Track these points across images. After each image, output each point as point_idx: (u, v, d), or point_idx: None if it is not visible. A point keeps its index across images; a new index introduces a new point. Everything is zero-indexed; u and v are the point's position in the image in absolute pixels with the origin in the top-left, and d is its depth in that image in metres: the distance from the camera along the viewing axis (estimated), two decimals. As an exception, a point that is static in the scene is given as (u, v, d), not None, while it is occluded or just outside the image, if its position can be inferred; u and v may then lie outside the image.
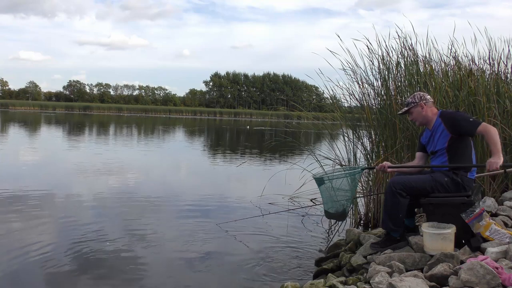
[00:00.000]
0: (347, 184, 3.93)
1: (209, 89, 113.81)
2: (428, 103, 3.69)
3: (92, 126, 32.05)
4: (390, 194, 3.52)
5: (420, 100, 3.69)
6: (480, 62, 6.13)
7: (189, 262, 4.32)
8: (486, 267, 2.58)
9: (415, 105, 3.71)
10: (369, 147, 6.05)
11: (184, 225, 5.67)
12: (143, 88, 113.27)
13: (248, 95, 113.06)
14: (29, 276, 3.80)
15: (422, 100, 3.69)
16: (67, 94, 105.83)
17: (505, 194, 4.68)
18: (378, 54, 5.91)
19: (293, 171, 7.23)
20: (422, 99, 3.70)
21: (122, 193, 7.55)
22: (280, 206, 6.69)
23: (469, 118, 3.53)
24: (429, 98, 3.75)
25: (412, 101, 3.73)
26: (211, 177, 10.18)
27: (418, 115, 3.71)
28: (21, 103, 77.09)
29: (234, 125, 45.84)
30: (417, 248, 3.38)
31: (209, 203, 7.05)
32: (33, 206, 6.20)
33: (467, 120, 3.50)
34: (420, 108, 3.69)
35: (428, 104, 3.69)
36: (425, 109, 3.68)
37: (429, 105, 3.70)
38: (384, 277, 2.85)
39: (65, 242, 4.73)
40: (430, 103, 3.72)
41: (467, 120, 3.50)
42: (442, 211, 3.40)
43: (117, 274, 3.96)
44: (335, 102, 6.77)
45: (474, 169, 3.58)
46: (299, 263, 4.37)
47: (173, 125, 38.51)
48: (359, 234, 4.23)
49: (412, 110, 3.74)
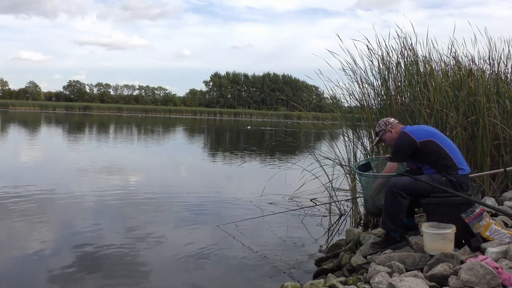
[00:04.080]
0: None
1: (209, 89, 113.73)
2: (393, 125, 3.89)
3: (92, 126, 32.05)
4: (390, 194, 3.52)
5: (386, 126, 3.90)
6: (480, 62, 6.14)
7: (189, 263, 4.31)
8: (486, 267, 2.58)
9: (383, 132, 3.91)
10: (369, 147, 6.05)
11: (184, 225, 5.67)
12: (143, 88, 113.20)
13: (248, 95, 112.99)
14: (30, 276, 3.79)
15: (387, 126, 3.89)
16: (67, 94, 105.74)
17: (505, 194, 4.68)
18: (378, 54, 5.93)
19: (293, 171, 7.24)
20: (387, 124, 3.91)
21: (122, 193, 7.55)
22: (280, 206, 6.69)
23: (397, 151, 3.71)
24: (393, 120, 3.97)
25: (380, 130, 3.95)
26: (211, 177, 10.19)
27: (390, 139, 3.88)
28: (21, 103, 77.04)
29: (234, 125, 45.85)
30: (417, 248, 3.38)
31: (209, 203, 7.04)
32: (33, 206, 6.19)
33: (394, 153, 3.73)
34: (389, 133, 3.88)
35: (394, 126, 3.89)
36: (394, 131, 3.86)
37: (395, 126, 3.89)
38: (384, 277, 2.86)
39: (65, 242, 4.74)
40: (395, 124, 3.92)
41: (394, 153, 3.74)
42: (442, 211, 3.40)
43: (117, 274, 3.96)
44: (335, 102, 6.78)
45: (465, 166, 3.59)
46: (299, 263, 4.37)
47: (173, 125, 38.52)
48: (359, 234, 4.23)
49: (383, 137, 3.94)
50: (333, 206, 6.52)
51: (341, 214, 6.39)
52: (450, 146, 3.63)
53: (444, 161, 3.54)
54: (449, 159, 3.54)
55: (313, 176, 6.51)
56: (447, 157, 3.55)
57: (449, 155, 3.55)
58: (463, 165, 3.58)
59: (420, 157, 3.67)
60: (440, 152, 3.56)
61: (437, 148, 3.57)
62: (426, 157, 3.62)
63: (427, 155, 3.61)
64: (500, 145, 5.12)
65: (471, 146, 5.20)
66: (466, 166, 3.62)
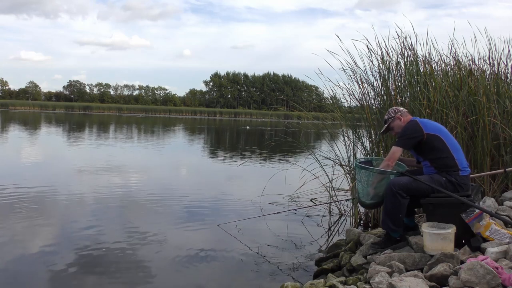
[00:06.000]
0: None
1: (209, 89, 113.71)
2: (403, 113, 3.85)
3: (92, 126, 32.05)
4: (390, 194, 3.52)
5: (395, 113, 3.86)
6: (480, 62, 6.14)
7: (189, 262, 4.31)
8: (486, 267, 2.58)
9: (392, 119, 3.85)
10: (369, 147, 6.05)
11: (184, 224, 5.67)
12: (143, 88, 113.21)
13: (248, 95, 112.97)
14: (30, 276, 3.79)
15: (397, 113, 3.85)
16: (67, 94, 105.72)
17: (505, 194, 4.68)
18: (377, 54, 5.92)
19: (293, 171, 7.24)
20: (397, 112, 3.87)
21: (123, 192, 7.55)
22: (280, 206, 6.69)
23: (402, 136, 3.68)
24: (402, 109, 3.92)
25: (389, 117, 3.89)
26: (212, 177, 10.19)
27: (399, 127, 3.82)
28: (21, 103, 77.04)
29: (233, 125, 45.85)
30: (417, 248, 3.38)
31: (210, 203, 7.05)
32: (32, 206, 6.19)
33: (399, 137, 3.71)
34: (398, 120, 3.83)
35: (404, 114, 3.85)
36: (403, 119, 3.81)
37: (404, 115, 3.85)
38: (384, 277, 2.86)
39: (65, 242, 4.74)
40: (405, 113, 3.88)
41: (399, 137, 3.72)
42: (442, 211, 3.40)
43: (117, 274, 3.96)
44: (335, 102, 6.77)
45: (466, 167, 3.60)
46: (299, 263, 4.37)
47: (173, 125, 38.51)
48: (359, 234, 4.23)
49: (392, 125, 3.87)
50: (333, 206, 6.52)
51: (341, 214, 6.39)
52: (455, 146, 3.62)
53: (446, 160, 3.53)
54: (451, 158, 3.54)
55: (313, 176, 6.51)
56: (450, 156, 3.54)
57: (452, 155, 3.54)
58: (465, 166, 3.58)
59: (423, 150, 3.63)
60: (443, 150, 3.55)
61: (442, 145, 3.56)
62: (429, 152, 3.59)
63: (430, 150, 3.58)
64: (500, 145, 5.12)
65: (471, 146, 5.20)
66: (467, 167, 3.62)
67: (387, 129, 3.95)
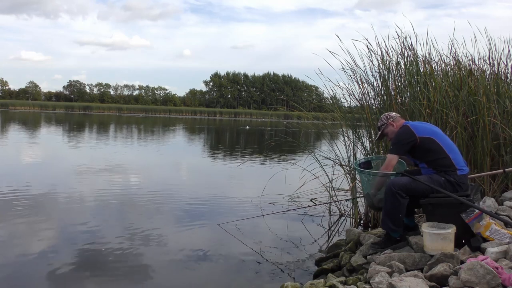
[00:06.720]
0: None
1: (209, 89, 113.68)
2: (395, 119, 3.89)
3: (92, 126, 32.05)
4: (389, 194, 3.53)
5: (387, 119, 3.91)
6: (480, 62, 6.14)
7: (189, 262, 4.32)
8: (486, 267, 2.58)
9: (385, 126, 3.90)
10: (369, 147, 6.05)
11: (184, 224, 5.67)
12: (143, 88, 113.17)
13: (248, 95, 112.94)
14: (30, 276, 3.79)
15: (389, 119, 3.90)
16: (67, 94, 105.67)
17: (505, 194, 4.68)
18: (377, 54, 5.92)
19: (293, 171, 7.23)
20: (389, 118, 3.91)
21: (122, 192, 7.55)
22: (280, 206, 6.69)
23: (395, 142, 3.69)
24: (394, 114, 3.97)
25: (381, 124, 3.94)
26: (212, 177, 10.19)
27: (392, 133, 3.86)
28: (21, 103, 77.00)
29: (233, 125, 45.84)
30: (417, 248, 3.38)
31: (210, 203, 7.05)
32: (33, 206, 6.19)
33: (393, 144, 3.73)
34: (391, 126, 3.88)
35: (396, 120, 3.89)
36: (396, 125, 3.86)
37: (397, 120, 3.89)
38: (384, 277, 2.86)
39: (65, 241, 4.74)
40: (397, 118, 3.92)
41: (392, 144, 3.73)
42: (442, 211, 3.40)
43: (117, 274, 3.96)
44: (335, 102, 6.77)
45: (464, 165, 3.60)
46: (299, 263, 4.37)
47: (173, 125, 38.50)
48: (359, 234, 4.23)
49: (385, 131, 3.92)
50: (333, 206, 6.52)
51: (341, 214, 6.39)
52: (450, 146, 3.63)
53: (442, 161, 3.54)
54: (448, 158, 3.54)
55: (313, 176, 6.51)
56: (446, 156, 3.54)
57: (447, 155, 3.55)
58: (462, 165, 3.58)
59: (418, 154, 3.66)
60: (438, 151, 3.56)
61: (436, 146, 3.57)
62: (424, 154, 3.62)
63: (425, 152, 3.60)
64: (500, 145, 5.12)
65: (471, 146, 5.19)
66: (465, 166, 3.62)
67: (382, 136, 4.02)
